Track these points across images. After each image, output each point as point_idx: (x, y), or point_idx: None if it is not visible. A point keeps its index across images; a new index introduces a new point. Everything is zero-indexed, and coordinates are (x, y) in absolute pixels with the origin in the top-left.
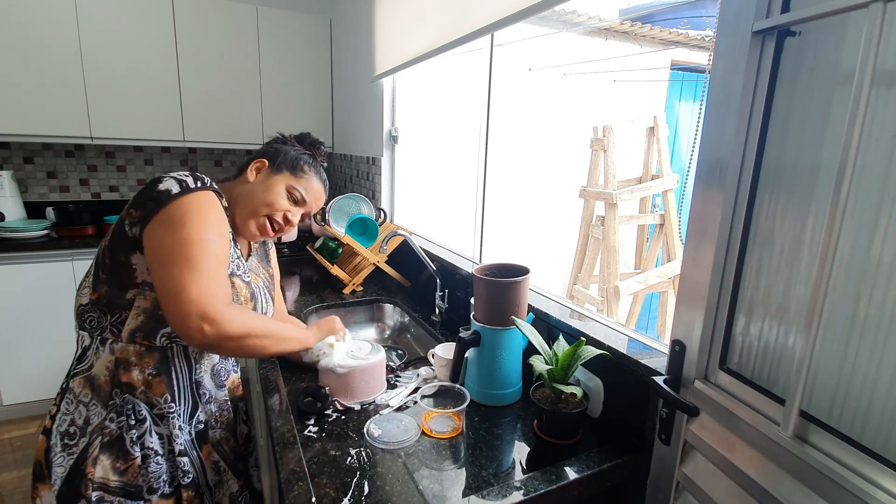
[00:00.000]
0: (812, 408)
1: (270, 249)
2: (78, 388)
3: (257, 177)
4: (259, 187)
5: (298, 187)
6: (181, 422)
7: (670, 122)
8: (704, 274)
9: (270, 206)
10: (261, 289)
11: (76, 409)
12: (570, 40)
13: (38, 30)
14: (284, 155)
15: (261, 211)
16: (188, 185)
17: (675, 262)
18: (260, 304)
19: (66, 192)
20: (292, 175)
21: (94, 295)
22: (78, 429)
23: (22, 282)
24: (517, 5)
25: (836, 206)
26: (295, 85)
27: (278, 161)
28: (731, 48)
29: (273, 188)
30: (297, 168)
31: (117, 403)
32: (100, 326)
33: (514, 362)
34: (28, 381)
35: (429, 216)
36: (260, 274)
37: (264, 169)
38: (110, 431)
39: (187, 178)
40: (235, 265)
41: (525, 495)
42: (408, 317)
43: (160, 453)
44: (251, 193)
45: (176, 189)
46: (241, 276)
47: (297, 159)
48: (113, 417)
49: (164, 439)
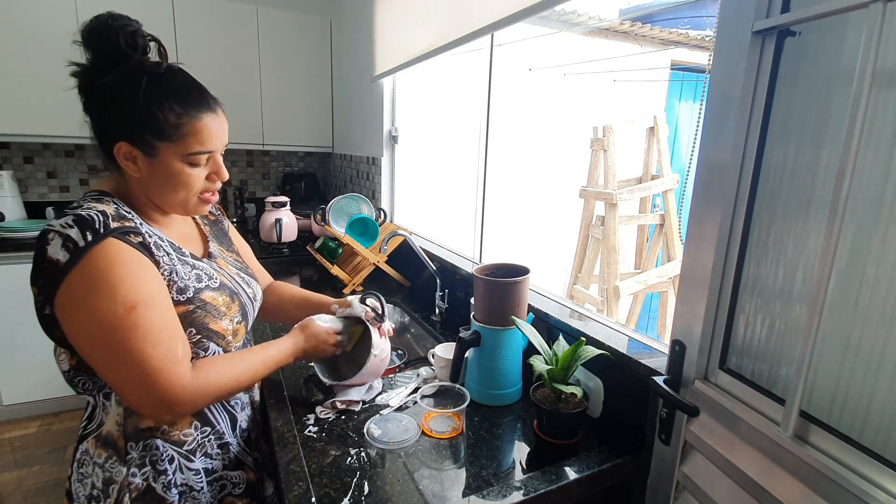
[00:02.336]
0: (812, 408)
1: (224, 223)
2: (92, 448)
3: (139, 165)
4: (156, 180)
5: (194, 148)
6: (228, 437)
7: (670, 122)
8: (704, 274)
9: (190, 190)
10: (235, 278)
11: (93, 472)
12: (570, 40)
13: (37, 29)
14: (136, 119)
15: (185, 199)
16: (76, 244)
17: (675, 262)
18: (243, 298)
19: (66, 192)
20: (172, 142)
21: (72, 360)
22: (100, 491)
23: (22, 282)
24: (517, 5)
25: (836, 206)
26: (295, 85)
27: (139, 135)
28: (731, 48)
29: (172, 174)
30: (162, 125)
31: (135, 457)
32: (96, 386)
33: (514, 362)
34: (28, 381)
35: (429, 216)
36: (228, 260)
37: (137, 154)
38: (137, 486)
39: (71, 229)
40: (195, 279)
41: (525, 495)
42: (408, 317)
43: (195, 488)
44: (155, 188)
45: (63, 257)
46: (208, 285)
47: (151, 114)
48: (135, 472)
49: (200, 473)
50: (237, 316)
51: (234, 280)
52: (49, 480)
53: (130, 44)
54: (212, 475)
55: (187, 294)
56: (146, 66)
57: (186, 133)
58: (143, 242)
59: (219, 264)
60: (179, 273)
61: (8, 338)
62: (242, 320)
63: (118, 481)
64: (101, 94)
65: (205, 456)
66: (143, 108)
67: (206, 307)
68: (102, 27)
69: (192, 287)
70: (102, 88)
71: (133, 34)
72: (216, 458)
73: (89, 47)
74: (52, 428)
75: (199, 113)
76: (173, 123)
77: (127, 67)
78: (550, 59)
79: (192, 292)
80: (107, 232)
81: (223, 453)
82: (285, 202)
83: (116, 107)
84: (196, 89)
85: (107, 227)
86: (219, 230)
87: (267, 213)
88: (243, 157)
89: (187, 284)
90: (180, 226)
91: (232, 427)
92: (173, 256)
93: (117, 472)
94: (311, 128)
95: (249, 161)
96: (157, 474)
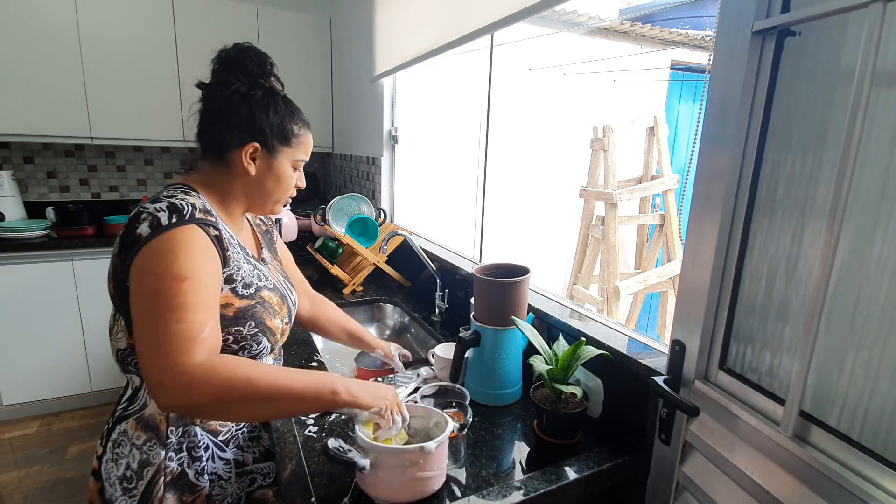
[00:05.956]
0: (812, 408)
1: (273, 234)
2: (131, 430)
3: (259, 164)
4: (267, 179)
5: (299, 156)
6: (259, 431)
7: (670, 122)
8: (704, 274)
9: (286, 191)
10: (283, 284)
11: (130, 453)
12: (570, 40)
13: (37, 29)
14: (270, 127)
15: (278, 199)
16: (161, 222)
17: (675, 262)
18: (289, 302)
19: (66, 192)
20: (289, 147)
21: (131, 339)
22: (134, 473)
23: (22, 282)
24: (517, 5)
25: (836, 206)
26: (295, 85)
27: (269, 140)
28: (731, 48)
29: (282, 175)
30: (289, 135)
31: (174, 442)
32: None
33: (514, 362)
34: (28, 381)
35: (429, 216)
36: (275, 266)
37: (260, 154)
38: (172, 470)
39: (162, 213)
40: (257, 277)
41: (525, 495)
42: (408, 317)
43: (224, 478)
44: (260, 186)
45: (146, 231)
46: (265, 285)
47: (283, 125)
48: (172, 456)
49: (231, 463)
50: (286, 317)
51: (283, 284)
52: (49, 480)
53: (269, 71)
54: (241, 467)
55: (251, 289)
56: (277, 88)
57: (300, 143)
58: (218, 236)
59: (269, 269)
60: (245, 270)
61: (8, 338)
62: (289, 321)
63: (155, 464)
64: (243, 104)
65: (237, 447)
66: (280, 118)
67: (264, 304)
68: (251, 52)
69: (255, 284)
70: (245, 98)
71: (272, 64)
72: (247, 450)
73: (230, 69)
74: (52, 428)
75: (307, 129)
76: (295, 134)
77: (267, 87)
78: (550, 59)
79: (255, 289)
80: (191, 219)
81: (254, 446)
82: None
83: (258, 115)
84: (301, 111)
85: (192, 216)
86: (269, 239)
87: None
88: None
89: (252, 281)
90: (243, 229)
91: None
92: (241, 254)
93: (155, 455)
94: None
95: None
96: (191, 460)
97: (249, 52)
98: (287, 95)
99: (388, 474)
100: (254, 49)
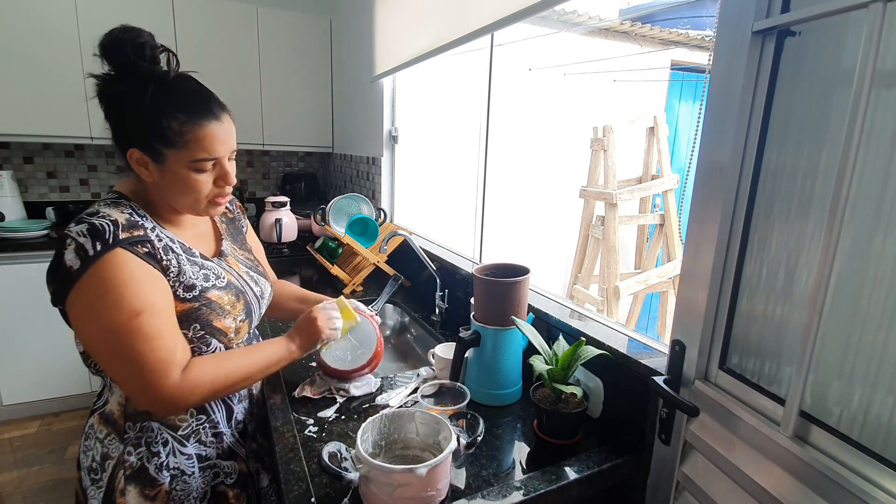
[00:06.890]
0: (812, 408)
1: (241, 221)
2: (97, 424)
3: (150, 170)
4: (170, 185)
5: (196, 156)
6: (223, 427)
7: (670, 122)
8: (704, 274)
9: (194, 196)
10: (243, 277)
11: (94, 446)
12: (570, 40)
13: (38, 29)
14: (143, 129)
15: (200, 201)
16: (87, 252)
17: (675, 262)
18: (249, 296)
19: (66, 192)
20: (174, 148)
21: None
22: (98, 465)
23: (22, 282)
24: (517, 5)
25: (836, 206)
26: (295, 85)
27: (149, 143)
28: (731, 48)
29: (178, 181)
30: (168, 134)
31: (132, 437)
32: None
33: (514, 362)
34: (28, 381)
35: (429, 216)
36: (239, 258)
37: (147, 162)
38: (131, 464)
39: (84, 238)
40: (203, 278)
41: (525, 495)
42: (408, 317)
43: (187, 473)
44: (170, 191)
45: (75, 263)
46: (215, 284)
47: (155, 124)
48: (130, 451)
49: (193, 458)
50: (241, 314)
51: (241, 279)
52: (49, 480)
53: (139, 55)
54: (204, 462)
55: (193, 292)
56: (153, 76)
57: (190, 140)
58: (150, 252)
59: (228, 263)
60: (187, 273)
61: (8, 338)
62: (246, 318)
63: (114, 457)
64: (115, 102)
65: (198, 442)
66: (148, 116)
67: (210, 305)
68: (113, 40)
69: (199, 286)
70: (117, 97)
71: (142, 45)
72: (209, 445)
73: (105, 59)
74: (52, 428)
75: (202, 121)
76: (177, 131)
77: (136, 77)
78: (550, 59)
79: (199, 291)
80: (115, 242)
81: (217, 442)
82: (285, 202)
83: (127, 115)
84: (201, 97)
85: (115, 237)
86: (235, 228)
87: (267, 213)
88: (243, 157)
89: (194, 283)
90: (195, 224)
91: (227, 417)
92: (182, 257)
93: (114, 449)
94: (311, 128)
95: (249, 161)
96: (150, 455)
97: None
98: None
99: (379, 490)
100: (123, 30)
